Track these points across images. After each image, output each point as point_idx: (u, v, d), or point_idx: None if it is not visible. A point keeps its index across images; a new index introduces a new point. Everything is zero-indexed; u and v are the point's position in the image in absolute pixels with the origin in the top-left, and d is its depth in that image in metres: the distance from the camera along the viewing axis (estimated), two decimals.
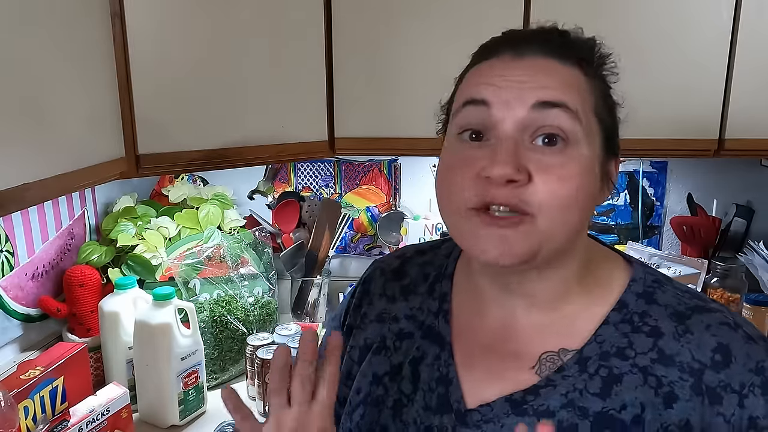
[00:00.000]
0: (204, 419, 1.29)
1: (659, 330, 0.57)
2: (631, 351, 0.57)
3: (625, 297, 0.60)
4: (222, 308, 1.42)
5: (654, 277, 0.62)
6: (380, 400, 0.65)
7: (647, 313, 0.59)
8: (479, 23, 1.25)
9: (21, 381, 1.01)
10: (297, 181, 1.82)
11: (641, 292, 0.60)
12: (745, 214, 1.60)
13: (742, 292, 1.48)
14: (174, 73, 1.15)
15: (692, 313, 0.58)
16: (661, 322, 0.58)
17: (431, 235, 1.70)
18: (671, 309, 0.59)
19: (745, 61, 1.21)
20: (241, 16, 1.20)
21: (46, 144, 0.90)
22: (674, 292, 0.60)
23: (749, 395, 0.54)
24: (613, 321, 0.59)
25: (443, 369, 0.62)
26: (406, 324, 0.67)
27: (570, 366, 0.57)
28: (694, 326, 0.57)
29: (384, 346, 0.67)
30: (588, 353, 0.57)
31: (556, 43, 0.57)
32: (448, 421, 0.59)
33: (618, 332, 0.58)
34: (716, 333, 0.56)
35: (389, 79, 1.31)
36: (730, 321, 0.57)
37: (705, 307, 0.59)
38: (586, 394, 0.56)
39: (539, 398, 0.57)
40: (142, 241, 1.47)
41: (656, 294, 0.60)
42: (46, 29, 0.89)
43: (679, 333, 0.57)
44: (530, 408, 0.56)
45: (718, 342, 0.56)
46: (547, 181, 0.52)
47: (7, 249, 1.25)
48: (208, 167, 1.27)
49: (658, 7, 1.21)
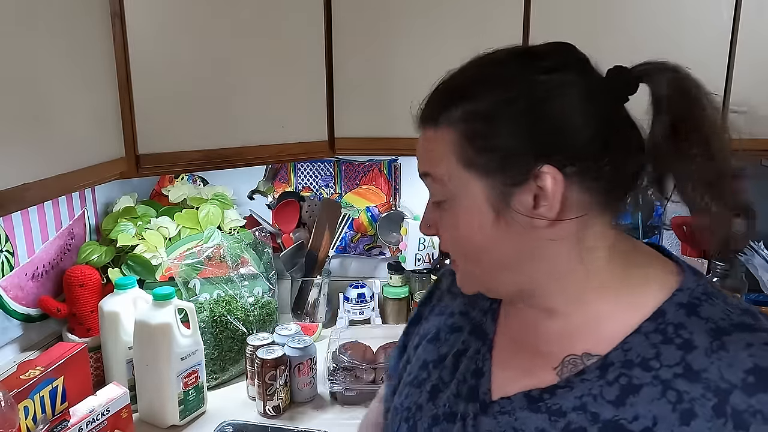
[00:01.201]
0: (204, 419, 1.29)
1: (692, 343, 0.54)
2: (656, 362, 0.55)
3: (666, 306, 0.57)
4: (222, 308, 1.42)
5: (705, 288, 0.58)
6: (422, 383, 0.71)
7: (684, 325, 0.56)
8: (480, 23, 1.26)
9: (21, 381, 1.01)
10: (297, 181, 1.82)
11: (685, 302, 0.57)
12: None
13: (742, 292, 1.48)
14: (174, 73, 1.15)
15: (734, 329, 0.54)
16: (696, 336, 0.55)
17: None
18: (712, 323, 0.55)
19: (745, 61, 1.21)
20: (241, 16, 1.20)
21: (46, 144, 0.90)
22: (724, 306, 0.56)
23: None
24: (645, 330, 0.57)
25: (480, 363, 0.67)
26: (458, 319, 0.74)
27: (591, 370, 0.57)
28: (732, 343, 0.53)
29: (437, 337, 0.74)
30: (612, 359, 0.57)
31: (428, 112, 0.62)
32: (473, 408, 0.63)
33: (648, 342, 0.56)
34: (756, 354, 0.52)
35: (389, 79, 1.31)
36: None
37: (753, 325, 0.54)
38: (600, 400, 0.56)
39: (555, 397, 0.58)
40: (142, 241, 1.47)
41: (702, 306, 0.56)
42: (46, 29, 0.89)
43: (713, 349, 0.53)
44: (544, 405, 0.58)
45: (755, 363, 0.51)
46: (443, 233, 0.64)
47: (7, 249, 1.25)
48: (208, 167, 1.27)
49: (658, 7, 1.21)
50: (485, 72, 0.60)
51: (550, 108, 0.56)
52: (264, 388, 1.27)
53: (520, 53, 0.60)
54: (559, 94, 0.56)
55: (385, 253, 1.83)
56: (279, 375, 1.27)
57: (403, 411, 0.70)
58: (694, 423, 0.51)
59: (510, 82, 0.57)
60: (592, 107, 0.57)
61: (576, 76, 0.58)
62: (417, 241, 1.69)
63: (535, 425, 0.58)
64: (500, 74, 0.59)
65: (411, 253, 1.69)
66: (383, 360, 1.36)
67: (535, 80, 0.57)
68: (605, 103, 0.58)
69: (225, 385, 1.43)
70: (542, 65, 0.57)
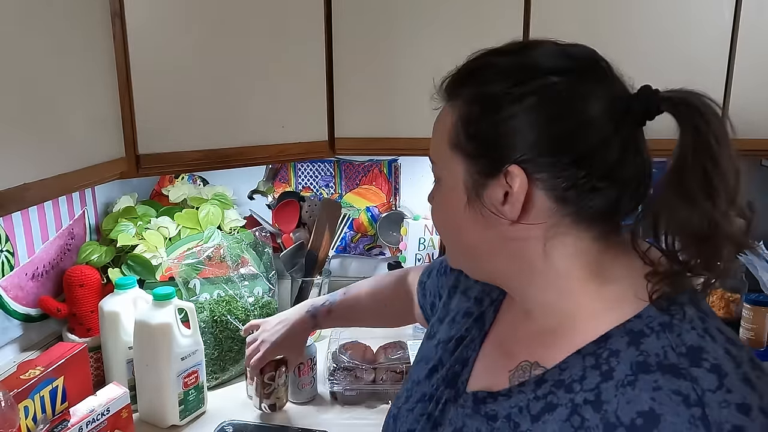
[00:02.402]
0: (204, 419, 1.29)
1: (611, 373, 0.52)
2: (578, 385, 0.54)
3: (613, 331, 0.55)
4: (222, 308, 1.42)
5: (665, 319, 0.53)
6: (428, 361, 0.74)
7: (617, 354, 0.53)
8: (480, 23, 1.26)
9: (21, 381, 1.01)
10: (297, 181, 1.82)
11: (635, 330, 0.54)
12: None
13: (742, 292, 1.48)
14: (174, 74, 1.15)
15: (657, 368, 0.50)
16: (620, 366, 0.52)
17: (431, 236, 1.70)
18: (643, 357, 0.51)
19: (746, 61, 1.21)
20: (241, 16, 1.20)
21: (46, 144, 0.90)
22: (669, 342, 0.51)
23: None
24: (585, 352, 0.55)
25: (470, 352, 0.69)
26: (472, 304, 0.75)
27: (530, 383, 0.58)
28: (643, 382, 0.50)
29: (453, 319, 0.76)
30: (547, 377, 0.57)
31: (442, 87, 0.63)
32: (447, 394, 0.67)
33: (582, 364, 0.55)
34: (658, 398, 0.48)
35: (389, 79, 1.31)
36: (692, 396, 0.47)
37: (680, 369, 0.49)
38: (525, 412, 0.57)
39: (494, 403, 0.61)
40: (142, 241, 1.47)
41: (647, 338, 0.52)
42: (46, 29, 0.89)
43: (624, 383, 0.51)
44: (484, 408, 0.61)
45: (651, 407, 0.48)
46: (433, 208, 0.67)
47: (7, 249, 1.25)
48: (208, 167, 1.27)
49: (659, 7, 1.21)
50: (507, 60, 0.59)
51: (550, 113, 0.55)
52: (262, 387, 1.26)
53: (552, 52, 0.58)
54: (568, 101, 0.55)
55: (385, 253, 1.83)
56: (278, 376, 1.27)
57: (410, 382, 0.75)
58: None
59: (524, 77, 0.56)
60: (596, 122, 0.55)
61: (593, 85, 0.56)
62: (417, 241, 1.69)
63: (476, 426, 0.61)
64: (519, 66, 0.57)
65: (411, 253, 1.69)
66: (383, 360, 1.36)
67: (548, 82, 0.55)
68: (615, 122, 0.55)
69: (225, 385, 1.42)
70: (565, 67, 0.56)
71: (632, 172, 0.56)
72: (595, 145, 0.55)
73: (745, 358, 0.51)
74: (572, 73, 0.56)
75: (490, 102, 0.57)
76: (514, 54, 0.59)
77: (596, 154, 0.55)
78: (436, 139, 0.64)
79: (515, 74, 0.56)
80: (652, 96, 0.55)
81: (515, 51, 0.59)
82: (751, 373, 0.49)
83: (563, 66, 0.56)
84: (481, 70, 0.60)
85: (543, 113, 0.55)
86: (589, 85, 0.56)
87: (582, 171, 0.55)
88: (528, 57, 0.58)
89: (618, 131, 0.55)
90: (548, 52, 0.58)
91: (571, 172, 0.55)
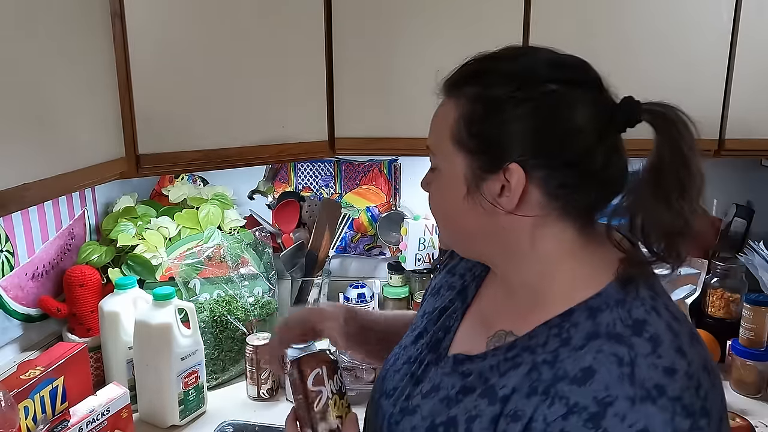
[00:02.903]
0: (204, 419, 1.29)
1: (569, 341, 0.61)
2: (540, 349, 0.62)
3: (576, 307, 0.63)
4: (222, 308, 1.42)
5: (620, 297, 0.61)
6: (415, 329, 0.82)
7: (577, 325, 0.61)
8: (480, 23, 1.26)
9: (21, 381, 1.01)
10: (297, 181, 1.82)
11: (593, 306, 0.62)
12: (745, 214, 1.60)
13: (742, 292, 1.48)
14: (174, 74, 1.15)
15: (604, 336, 0.59)
16: (576, 335, 0.60)
17: (431, 235, 1.70)
18: (596, 328, 0.60)
19: (745, 61, 1.21)
20: (241, 16, 1.20)
21: (46, 144, 0.90)
22: (619, 316, 0.60)
23: (573, 415, 0.55)
24: (551, 324, 0.63)
25: (452, 321, 0.77)
26: (456, 279, 0.83)
27: (503, 348, 0.67)
28: (590, 346, 0.58)
29: (438, 291, 0.84)
30: (518, 342, 0.65)
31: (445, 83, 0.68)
32: (429, 357, 0.75)
33: (548, 333, 0.63)
34: (598, 358, 0.57)
35: (389, 79, 1.31)
36: (626, 357, 0.56)
37: (622, 337, 0.58)
38: (495, 370, 0.65)
39: (471, 364, 0.69)
40: (142, 241, 1.47)
41: (602, 312, 0.61)
42: (45, 29, 0.89)
43: (576, 347, 0.59)
44: (461, 368, 0.69)
45: (591, 365, 0.57)
46: (430, 195, 0.72)
47: (7, 249, 1.25)
48: (208, 167, 1.27)
49: (659, 8, 1.21)
50: (509, 65, 0.64)
51: (548, 118, 0.61)
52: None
53: (550, 61, 0.64)
54: (564, 107, 0.61)
55: (385, 253, 1.83)
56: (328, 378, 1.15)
57: (397, 347, 0.83)
58: (533, 397, 0.60)
59: (526, 83, 0.62)
60: (587, 129, 0.61)
61: (585, 94, 0.62)
62: (417, 241, 1.69)
63: (452, 382, 0.69)
64: (521, 72, 0.63)
65: (411, 253, 1.69)
66: None
67: (547, 89, 0.61)
68: (601, 129, 0.62)
69: (225, 385, 1.43)
70: (562, 77, 0.62)
71: (614, 173, 0.64)
72: (585, 148, 0.62)
73: (685, 332, 0.60)
74: (568, 83, 0.62)
75: (493, 104, 0.63)
76: (515, 60, 0.65)
77: (585, 157, 0.62)
78: (437, 132, 0.68)
79: (517, 79, 0.62)
80: (634, 107, 0.62)
81: (516, 57, 0.65)
82: (686, 344, 0.58)
83: (560, 75, 0.62)
84: (485, 72, 0.65)
85: (541, 117, 0.61)
86: (581, 94, 0.62)
87: (572, 171, 0.62)
88: (529, 64, 0.64)
89: (603, 137, 0.62)
90: (547, 61, 0.64)
91: (563, 172, 0.62)
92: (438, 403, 0.68)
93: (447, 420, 0.66)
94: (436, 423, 0.67)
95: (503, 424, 0.61)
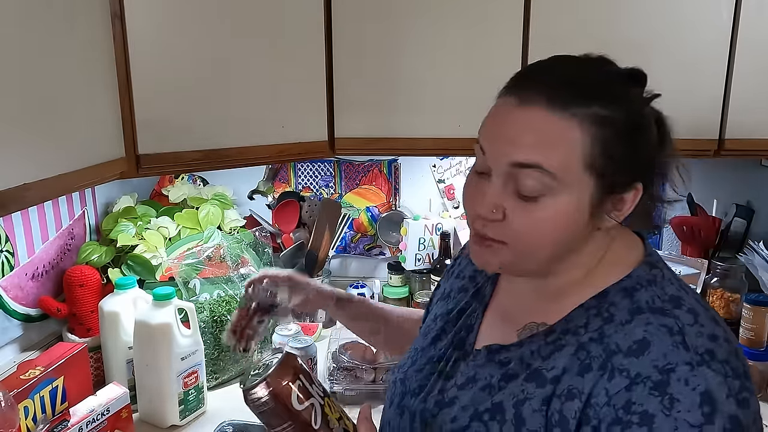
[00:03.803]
0: (204, 419, 1.29)
1: (613, 317, 0.65)
2: (583, 329, 0.66)
3: (611, 288, 0.67)
4: (222, 308, 1.42)
5: (651, 277, 0.67)
6: (429, 332, 0.83)
7: (615, 304, 0.66)
8: (479, 24, 1.25)
9: (21, 381, 1.01)
10: (297, 181, 1.82)
11: (627, 287, 0.67)
12: (745, 214, 1.60)
13: (742, 292, 1.48)
14: (174, 74, 1.15)
15: (648, 311, 0.64)
16: (618, 312, 0.65)
17: (431, 235, 1.70)
18: (637, 305, 0.65)
19: (745, 61, 1.21)
20: (241, 16, 1.20)
21: (46, 144, 0.90)
22: (655, 293, 0.65)
23: (637, 385, 0.59)
24: (587, 306, 0.67)
25: (473, 320, 0.79)
26: (467, 282, 0.85)
27: (540, 334, 0.69)
28: (638, 320, 0.63)
29: (449, 295, 0.87)
30: (555, 327, 0.68)
31: (558, 96, 0.61)
32: (456, 354, 0.77)
33: (585, 314, 0.67)
34: (649, 330, 0.62)
35: (389, 79, 1.31)
36: (675, 327, 0.61)
37: (665, 310, 0.63)
38: (536, 355, 0.68)
39: (507, 352, 0.71)
40: (142, 241, 1.47)
41: (638, 291, 0.66)
42: (46, 29, 0.89)
43: (623, 322, 0.64)
44: (497, 356, 0.71)
45: (644, 336, 0.62)
46: (518, 221, 0.64)
47: (7, 249, 1.25)
48: (208, 167, 1.27)
49: (659, 7, 1.21)
50: (617, 82, 0.64)
51: (648, 135, 0.65)
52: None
53: (631, 75, 0.66)
54: (649, 124, 0.65)
55: (385, 253, 1.83)
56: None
57: (412, 351, 0.84)
58: (587, 375, 0.63)
59: (631, 102, 0.64)
60: (658, 138, 0.67)
61: (651, 110, 0.67)
62: (417, 241, 1.69)
63: (488, 372, 0.71)
64: (626, 91, 0.64)
65: (411, 253, 1.70)
66: (383, 360, 1.36)
67: (654, 110, 0.66)
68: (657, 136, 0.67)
69: (225, 385, 1.43)
70: (642, 86, 0.66)
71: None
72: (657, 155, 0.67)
73: (709, 307, 0.67)
74: (649, 102, 0.66)
75: (619, 127, 0.62)
76: (608, 75, 0.65)
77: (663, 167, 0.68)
78: (552, 150, 0.61)
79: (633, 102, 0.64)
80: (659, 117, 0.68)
81: (607, 72, 0.65)
82: (716, 315, 0.66)
83: (646, 96, 0.66)
84: (597, 89, 0.63)
85: (653, 137, 0.65)
86: (651, 110, 0.67)
87: (659, 181, 0.69)
88: (620, 82, 0.65)
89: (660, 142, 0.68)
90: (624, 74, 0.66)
91: (656, 185, 0.68)
92: (479, 392, 0.70)
93: (492, 407, 0.68)
94: (480, 410, 0.68)
95: (557, 403, 0.63)
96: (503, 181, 0.63)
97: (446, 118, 1.30)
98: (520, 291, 0.76)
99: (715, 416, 0.56)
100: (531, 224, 0.63)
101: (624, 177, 0.64)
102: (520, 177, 0.62)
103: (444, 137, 1.32)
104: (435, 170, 1.76)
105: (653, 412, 0.57)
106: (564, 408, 0.62)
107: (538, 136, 0.61)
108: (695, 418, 0.56)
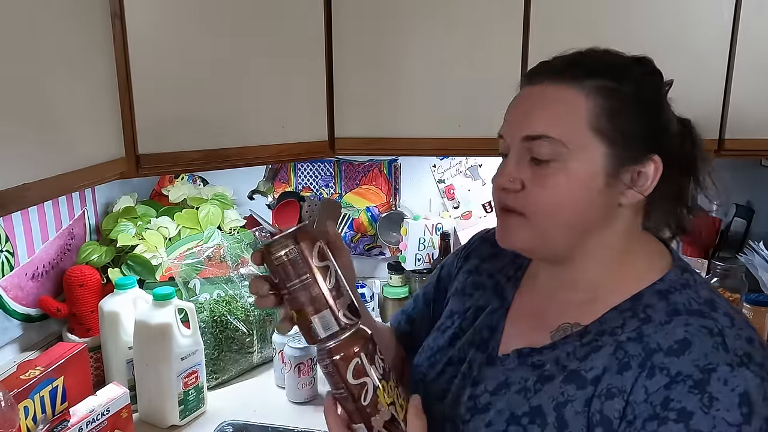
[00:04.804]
0: (204, 419, 1.29)
1: (650, 318, 0.66)
2: (620, 330, 0.67)
3: (645, 291, 0.69)
4: (222, 308, 1.42)
5: (684, 281, 0.69)
6: (446, 330, 0.84)
7: (651, 305, 0.67)
8: (479, 24, 1.25)
9: (21, 381, 1.01)
10: (297, 181, 1.82)
11: (662, 289, 0.68)
12: (745, 214, 1.60)
13: (742, 292, 1.47)
14: (174, 74, 1.15)
15: (686, 312, 0.65)
16: (656, 313, 0.66)
17: (431, 235, 1.70)
18: (673, 306, 0.66)
19: (746, 61, 1.21)
20: (241, 16, 1.20)
21: (46, 144, 0.90)
22: (690, 296, 0.67)
23: (677, 384, 0.60)
24: (621, 308, 0.69)
25: (495, 320, 0.79)
26: (484, 279, 0.85)
27: (574, 336, 0.70)
28: (676, 321, 0.65)
29: (463, 291, 0.86)
30: (590, 329, 0.69)
31: (563, 71, 0.68)
32: (480, 358, 0.76)
33: (620, 316, 0.68)
34: (690, 331, 0.63)
35: (389, 79, 1.31)
36: (715, 329, 0.63)
37: (703, 312, 0.65)
38: (572, 356, 0.68)
39: (540, 355, 0.71)
40: (142, 241, 1.47)
41: (673, 294, 0.68)
42: (46, 30, 0.89)
43: (662, 322, 0.65)
44: (530, 360, 0.71)
45: (685, 337, 0.63)
46: (534, 189, 0.68)
47: (7, 249, 1.25)
48: (208, 167, 1.27)
49: (659, 7, 1.21)
50: (624, 63, 0.69)
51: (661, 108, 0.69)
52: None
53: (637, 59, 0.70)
54: (663, 96, 0.70)
55: (385, 253, 1.83)
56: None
57: (428, 350, 0.84)
58: (626, 373, 0.64)
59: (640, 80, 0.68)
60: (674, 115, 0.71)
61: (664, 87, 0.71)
62: (417, 241, 1.69)
63: (521, 375, 0.71)
64: (634, 71, 0.68)
65: (411, 253, 1.69)
66: None
67: (651, 80, 0.69)
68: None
69: (225, 385, 1.43)
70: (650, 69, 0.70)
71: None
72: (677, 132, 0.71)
73: (740, 311, 0.72)
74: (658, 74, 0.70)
75: (626, 99, 0.66)
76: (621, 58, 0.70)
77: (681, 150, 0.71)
78: (558, 120, 0.66)
79: (651, 79, 0.69)
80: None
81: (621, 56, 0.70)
82: (747, 319, 0.68)
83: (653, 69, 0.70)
84: (608, 67, 0.68)
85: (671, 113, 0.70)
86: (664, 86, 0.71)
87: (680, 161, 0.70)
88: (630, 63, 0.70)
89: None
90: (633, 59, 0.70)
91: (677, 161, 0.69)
92: (514, 396, 0.70)
93: (530, 410, 0.68)
94: (518, 414, 0.68)
95: (597, 403, 0.64)
96: (519, 155, 0.69)
97: (446, 118, 1.30)
98: (546, 290, 0.76)
99: (752, 417, 0.58)
100: (547, 191, 0.67)
101: (637, 147, 0.66)
102: (534, 148, 0.67)
103: (444, 137, 1.32)
104: (435, 170, 1.76)
105: (692, 410, 0.59)
106: (605, 407, 0.63)
107: (543, 109, 0.67)
108: (734, 417, 0.58)
